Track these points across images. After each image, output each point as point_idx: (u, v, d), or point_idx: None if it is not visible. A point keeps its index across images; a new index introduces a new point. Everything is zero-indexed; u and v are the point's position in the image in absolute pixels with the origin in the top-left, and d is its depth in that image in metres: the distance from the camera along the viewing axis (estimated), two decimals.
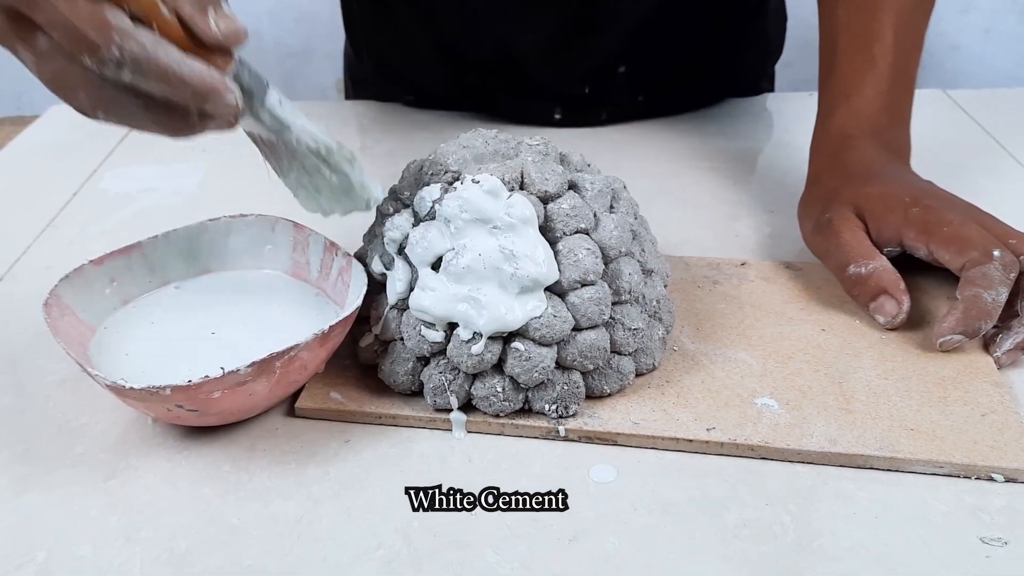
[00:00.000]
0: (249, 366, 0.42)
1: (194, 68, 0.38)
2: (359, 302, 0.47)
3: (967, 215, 0.53)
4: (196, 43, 0.39)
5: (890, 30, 0.59)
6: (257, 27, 1.63)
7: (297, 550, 0.40)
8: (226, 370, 0.42)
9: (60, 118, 0.90)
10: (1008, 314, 0.50)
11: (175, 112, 0.39)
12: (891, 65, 0.59)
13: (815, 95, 0.64)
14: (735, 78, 0.89)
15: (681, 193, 0.72)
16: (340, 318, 0.45)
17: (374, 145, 0.83)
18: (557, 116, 0.84)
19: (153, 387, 0.41)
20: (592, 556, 0.40)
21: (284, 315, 0.51)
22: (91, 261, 0.51)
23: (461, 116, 0.87)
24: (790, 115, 0.86)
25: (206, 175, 0.78)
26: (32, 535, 0.42)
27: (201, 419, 0.45)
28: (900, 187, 0.55)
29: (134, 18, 0.37)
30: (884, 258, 0.53)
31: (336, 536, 0.41)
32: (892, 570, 0.38)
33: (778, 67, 0.95)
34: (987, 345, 0.50)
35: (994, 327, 0.50)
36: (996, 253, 0.49)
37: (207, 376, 0.42)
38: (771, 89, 0.95)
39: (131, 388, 0.42)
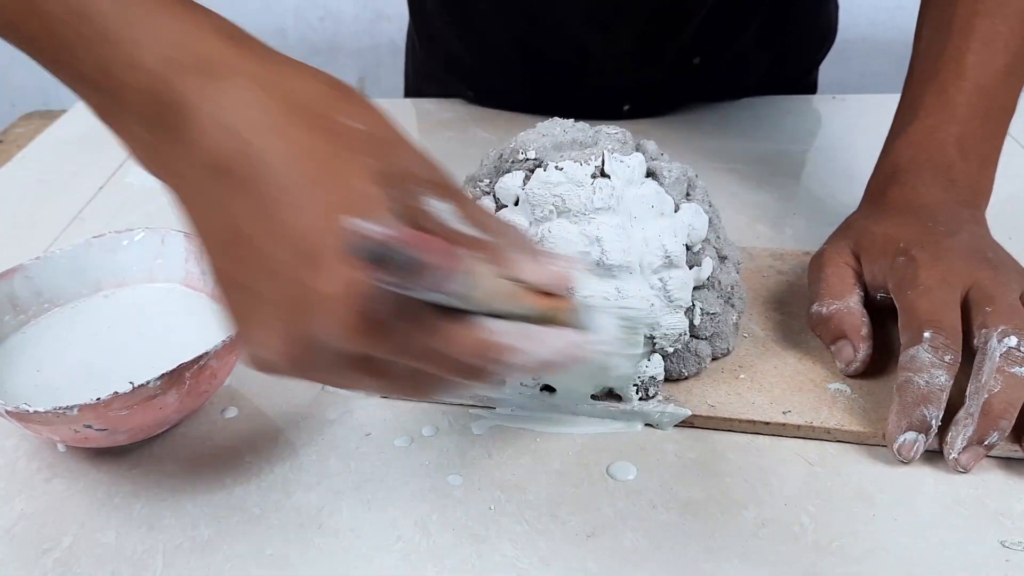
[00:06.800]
0: (159, 378, 0.41)
1: (563, 343, 0.33)
2: None
3: (949, 277, 0.46)
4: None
5: (972, 56, 0.54)
6: (282, 25, 1.64)
7: (318, 541, 0.41)
8: (135, 384, 0.41)
9: (87, 112, 0.90)
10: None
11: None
12: (965, 93, 0.53)
13: (840, 98, 0.61)
14: (792, 63, 0.88)
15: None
16: None
17: None
18: (626, 108, 0.84)
19: (59, 408, 0.40)
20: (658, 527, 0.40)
21: (183, 327, 0.50)
22: None
23: (499, 114, 0.87)
24: (813, 117, 0.86)
25: None
26: (58, 521, 0.42)
27: (111, 438, 0.44)
28: (906, 230, 0.50)
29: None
30: (855, 299, 0.49)
31: (356, 528, 0.41)
32: (910, 572, 0.38)
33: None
34: (942, 447, 0.44)
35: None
36: (927, 334, 0.44)
37: (116, 392, 0.41)
38: (816, 79, 0.94)
39: (35, 412, 0.40)
